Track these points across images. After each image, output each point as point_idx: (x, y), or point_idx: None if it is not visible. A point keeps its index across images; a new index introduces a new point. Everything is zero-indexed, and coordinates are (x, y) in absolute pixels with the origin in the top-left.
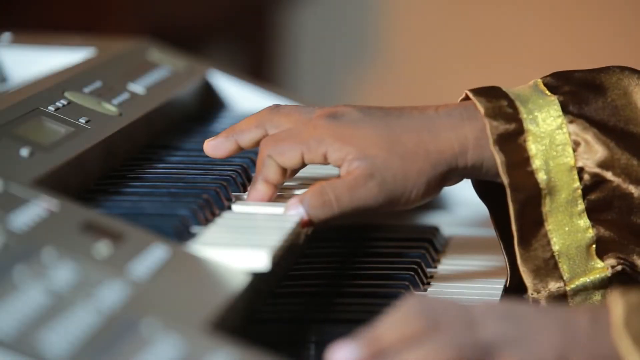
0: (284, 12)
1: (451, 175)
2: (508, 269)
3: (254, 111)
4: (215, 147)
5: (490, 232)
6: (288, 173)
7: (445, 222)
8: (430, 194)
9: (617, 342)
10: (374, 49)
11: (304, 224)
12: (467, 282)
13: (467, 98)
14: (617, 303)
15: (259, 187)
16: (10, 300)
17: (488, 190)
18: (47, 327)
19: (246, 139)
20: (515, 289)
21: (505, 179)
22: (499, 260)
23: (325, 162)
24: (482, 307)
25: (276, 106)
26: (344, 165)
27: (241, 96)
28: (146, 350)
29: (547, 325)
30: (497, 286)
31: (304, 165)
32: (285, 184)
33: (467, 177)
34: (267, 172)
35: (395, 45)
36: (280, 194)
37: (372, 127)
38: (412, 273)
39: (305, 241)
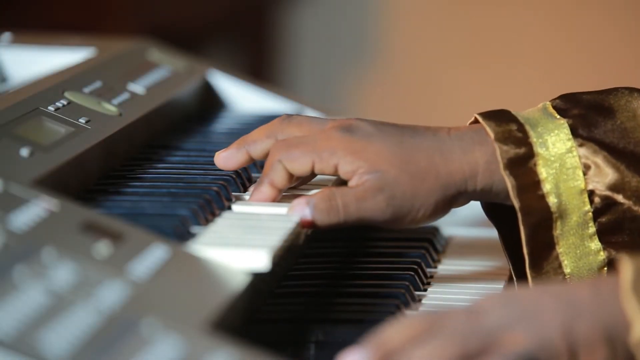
0: (284, 12)
1: (460, 197)
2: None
3: (254, 111)
4: (226, 158)
5: (490, 232)
6: (294, 179)
7: (445, 222)
8: (437, 215)
9: (625, 305)
10: (374, 49)
11: (305, 224)
12: (467, 282)
13: (476, 121)
14: (626, 267)
15: (264, 190)
16: (10, 300)
17: (497, 211)
18: (47, 327)
19: (258, 149)
20: None
21: (516, 203)
22: (499, 260)
23: (335, 173)
24: (482, 299)
25: (288, 116)
26: (354, 178)
27: (241, 96)
28: (146, 350)
29: (549, 301)
30: (497, 286)
31: (313, 174)
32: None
33: (476, 200)
34: (274, 175)
35: (395, 45)
36: (283, 194)
37: (384, 143)
38: (412, 273)
39: (305, 241)
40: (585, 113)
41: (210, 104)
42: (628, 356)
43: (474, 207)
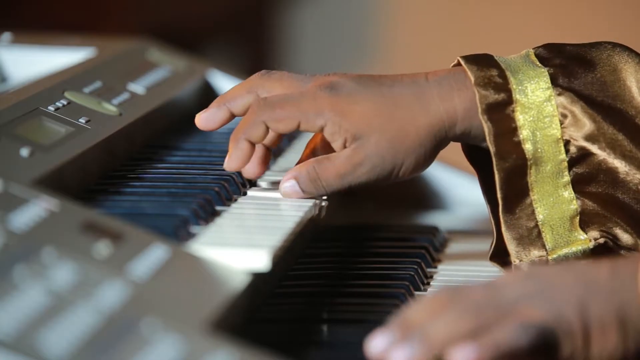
0: (284, 12)
1: (439, 144)
2: (494, 234)
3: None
4: (207, 119)
5: (490, 232)
6: (274, 137)
7: (445, 222)
8: (421, 168)
9: None
10: (374, 49)
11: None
12: (466, 282)
13: (458, 64)
14: None
15: (243, 147)
16: (10, 300)
17: (477, 154)
18: (47, 327)
19: (239, 105)
20: (499, 254)
21: (492, 148)
22: None
23: (319, 132)
24: (502, 276)
25: (267, 71)
26: (338, 140)
27: None
28: (146, 350)
29: (567, 279)
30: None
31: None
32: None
33: (459, 141)
34: (253, 132)
35: (395, 45)
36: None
37: (368, 100)
38: (412, 273)
39: (305, 241)
40: (567, 63)
41: (210, 103)
42: (638, 342)
43: (474, 207)
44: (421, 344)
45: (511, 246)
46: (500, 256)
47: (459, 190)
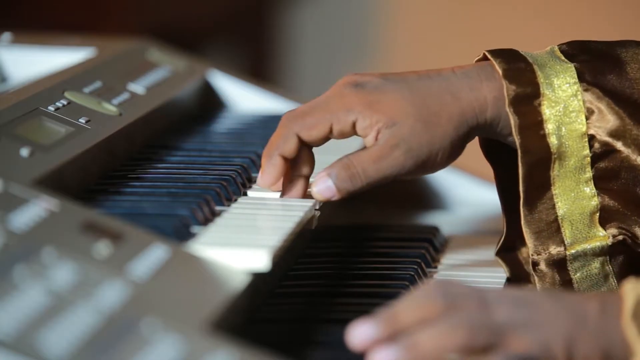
0: (284, 12)
1: (472, 132)
2: (504, 230)
3: (254, 111)
4: (267, 180)
5: (490, 232)
6: (306, 151)
7: (445, 222)
8: (455, 155)
9: (625, 333)
10: (374, 49)
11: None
12: (466, 282)
13: (484, 59)
14: (629, 294)
15: (277, 163)
16: (10, 300)
17: (494, 149)
18: (47, 327)
19: (286, 148)
20: (507, 250)
21: (517, 140)
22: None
23: (353, 131)
24: (497, 292)
25: (290, 111)
26: (371, 134)
27: (241, 96)
28: (146, 350)
29: (558, 312)
30: (497, 286)
31: (328, 139)
32: None
33: (485, 135)
34: (286, 147)
35: (395, 45)
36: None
37: (397, 91)
38: (412, 273)
39: (305, 241)
40: (593, 59)
41: (210, 104)
42: None
43: (474, 207)
44: (406, 351)
45: (529, 240)
46: (507, 252)
47: (459, 190)
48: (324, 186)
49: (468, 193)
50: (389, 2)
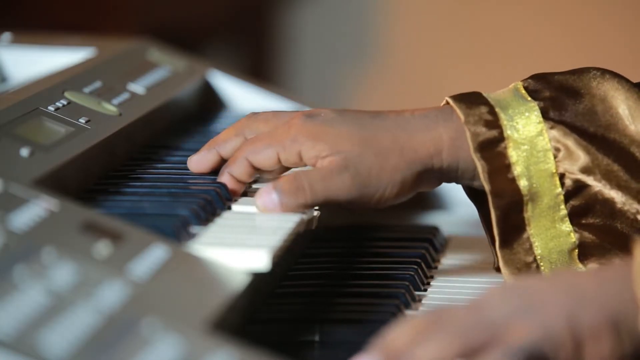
0: (284, 12)
1: (426, 175)
2: (495, 264)
3: (254, 111)
4: (198, 161)
5: None
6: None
7: (445, 222)
8: (405, 194)
9: (636, 289)
10: (373, 49)
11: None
12: (466, 282)
13: (447, 104)
14: (638, 251)
15: (224, 179)
16: (10, 300)
17: (477, 191)
18: (47, 327)
19: (227, 148)
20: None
21: (487, 186)
22: None
23: (300, 161)
24: (485, 293)
25: (254, 114)
26: (318, 162)
27: (241, 96)
28: (146, 350)
29: (553, 290)
30: (497, 286)
31: (279, 166)
32: None
33: (444, 181)
34: (235, 168)
35: (395, 45)
36: None
37: (345, 125)
38: (412, 273)
39: (305, 241)
40: (556, 95)
41: (210, 104)
42: (634, 343)
43: (474, 207)
44: None
45: (509, 282)
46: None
47: (459, 190)
48: (267, 199)
49: None
50: (389, 2)
